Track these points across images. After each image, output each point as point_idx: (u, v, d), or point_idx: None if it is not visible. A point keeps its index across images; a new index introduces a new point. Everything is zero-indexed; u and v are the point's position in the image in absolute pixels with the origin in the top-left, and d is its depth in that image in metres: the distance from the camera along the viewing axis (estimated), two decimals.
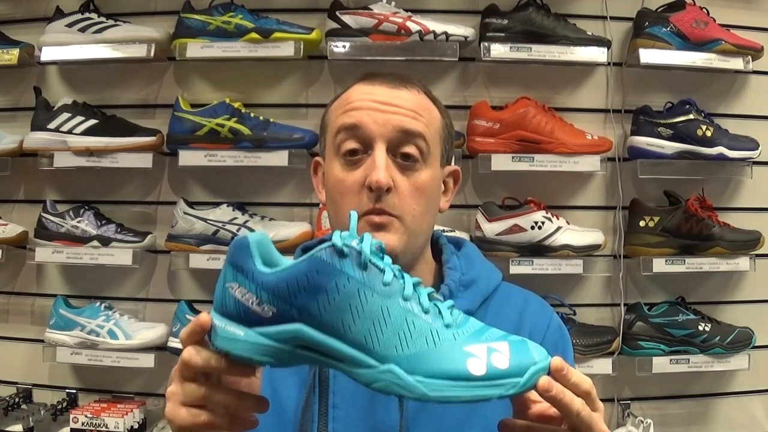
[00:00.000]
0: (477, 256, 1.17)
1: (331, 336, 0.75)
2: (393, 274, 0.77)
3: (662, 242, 2.19)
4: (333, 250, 0.76)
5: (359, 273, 0.76)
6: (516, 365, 0.74)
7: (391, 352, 0.74)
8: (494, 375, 0.73)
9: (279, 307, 0.76)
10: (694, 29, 2.19)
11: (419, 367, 0.74)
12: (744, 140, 2.22)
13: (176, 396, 0.81)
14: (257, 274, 0.77)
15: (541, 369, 0.75)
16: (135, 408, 2.15)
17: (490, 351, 0.74)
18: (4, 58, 2.20)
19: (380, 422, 1.01)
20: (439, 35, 2.15)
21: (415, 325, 0.75)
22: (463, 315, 0.80)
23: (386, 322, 0.75)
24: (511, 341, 0.76)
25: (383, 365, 0.74)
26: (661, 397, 2.33)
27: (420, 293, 0.78)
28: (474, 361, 0.74)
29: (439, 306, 0.78)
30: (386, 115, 1.04)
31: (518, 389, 0.73)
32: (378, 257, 0.78)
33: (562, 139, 2.16)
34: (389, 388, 0.74)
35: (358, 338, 0.75)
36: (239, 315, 0.77)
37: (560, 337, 1.13)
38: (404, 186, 1.03)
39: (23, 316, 2.36)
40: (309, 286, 0.75)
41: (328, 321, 0.75)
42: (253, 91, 2.31)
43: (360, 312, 0.75)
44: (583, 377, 0.78)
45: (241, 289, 0.77)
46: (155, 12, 2.32)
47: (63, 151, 2.17)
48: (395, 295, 0.76)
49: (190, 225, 2.18)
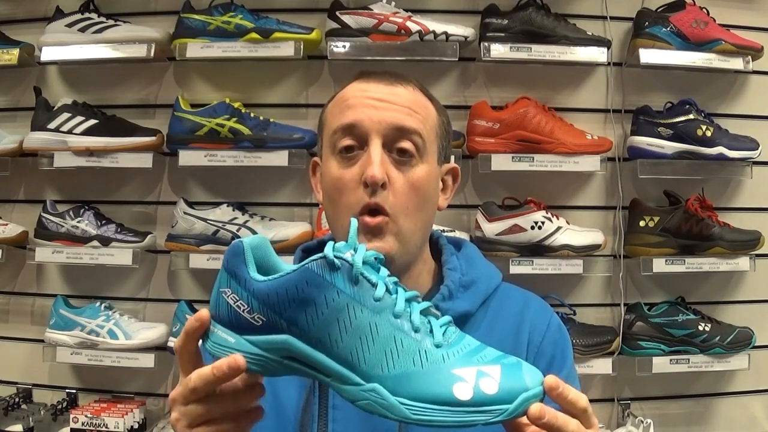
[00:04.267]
0: (477, 257, 1.17)
1: (318, 350, 0.74)
2: (386, 289, 0.76)
3: (662, 242, 2.19)
4: (324, 262, 0.75)
5: (349, 287, 0.74)
6: (506, 391, 0.71)
7: (376, 371, 0.73)
8: (481, 401, 0.70)
9: (269, 316, 0.75)
10: (694, 29, 2.19)
11: (404, 389, 0.72)
12: (744, 140, 2.22)
13: (181, 422, 0.80)
14: (249, 282, 0.76)
15: (532, 396, 0.72)
16: (135, 408, 2.15)
17: (480, 375, 0.72)
18: (4, 58, 2.20)
19: (380, 423, 0.99)
20: (439, 35, 2.14)
21: (403, 344, 0.73)
22: (458, 333, 0.77)
23: (374, 339, 0.73)
24: (504, 364, 0.73)
25: (368, 384, 0.73)
26: (661, 397, 2.33)
27: (413, 309, 0.76)
28: (461, 386, 0.71)
29: (432, 324, 0.76)
30: (381, 111, 1.04)
31: (506, 416, 0.70)
32: (373, 269, 0.77)
33: (562, 139, 2.16)
34: (372, 407, 0.73)
35: (344, 354, 0.73)
36: (231, 321, 0.77)
37: (560, 338, 1.13)
38: (400, 182, 1.03)
39: (23, 316, 2.36)
40: (299, 297, 0.74)
41: (315, 335, 0.74)
42: (253, 91, 2.31)
43: (348, 328, 0.73)
44: (579, 395, 0.76)
45: (234, 296, 0.77)
46: (155, 12, 2.32)
47: (63, 151, 2.16)
48: (385, 311, 0.74)
49: (190, 225, 2.18)
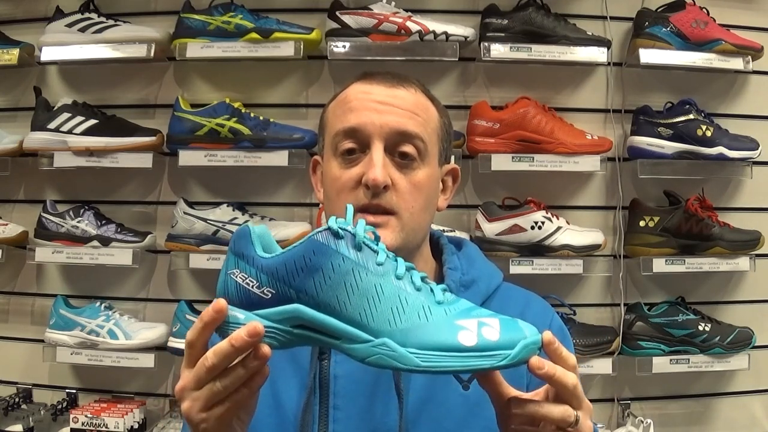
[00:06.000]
0: (478, 257, 1.17)
1: (327, 313, 0.78)
2: (386, 256, 0.81)
3: (662, 242, 2.19)
4: (329, 232, 0.80)
5: (354, 253, 0.79)
6: (507, 339, 0.76)
7: (384, 327, 0.77)
8: (485, 346, 0.75)
9: (278, 288, 0.79)
10: (694, 29, 2.19)
11: (412, 340, 0.76)
12: (744, 140, 2.22)
13: (195, 407, 0.80)
14: (257, 259, 0.80)
15: (531, 343, 0.77)
16: (135, 408, 2.15)
17: (481, 325, 0.77)
18: (4, 58, 2.20)
19: (380, 423, 1.01)
20: (439, 35, 2.14)
21: (407, 301, 0.79)
22: (454, 296, 0.82)
23: (380, 298, 0.78)
24: (502, 318, 0.79)
25: (377, 339, 0.77)
26: (661, 397, 2.33)
27: (413, 274, 0.81)
28: (465, 333, 0.76)
29: (432, 286, 0.81)
30: (384, 115, 1.04)
31: (509, 361, 0.75)
32: (372, 242, 0.81)
33: (562, 139, 2.16)
34: (383, 360, 0.77)
35: (353, 315, 0.78)
36: (240, 299, 0.81)
37: (562, 339, 1.12)
38: (402, 184, 1.04)
39: (23, 316, 2.36)
40: (306, 266, 0.79)
41: (324, 299, 0.78)
42: (253, 91, 2.31)
43: (354, 290, 0.78)
44: (569, 353, 0.81)
45: (242, 275, 0.81)
46: (155, 12, 2.32)
47: (63, 151, 2.16)
48: (388, 274, 0.80)
49: (190, 225, 2.18)
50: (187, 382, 0.81)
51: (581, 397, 0.81)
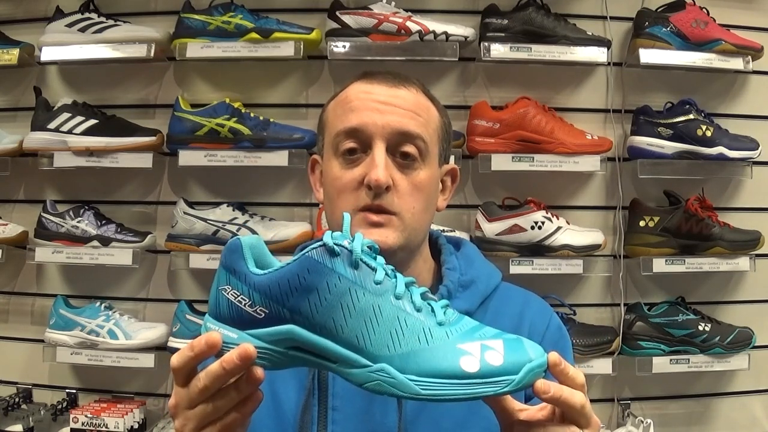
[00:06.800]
0: (476, 257, 1.17)
1: (323, 336, 0.75)
2: (385, 273, 0.77)
3: (662, 242, 2.19)
4: (324, 249, 0.76)
5: (350, 272, 0.76)
6: (511, 362, 0.73)
7: (383, 352, 0.74)
8: (489, 372, 0.72)
9: (271, 308, 0.76)
10: (694, 29, 2.19)
11: (412, 366, 0.73)
12: (744, 140, 2.22)
13: (188, 426, 0.79)
14: (249, 276, 0.77)
15: (536, 366, 0.73)
16: (135, 408, 2.15)
17: (484, 348, 0.73)
18: (4, 58, 2.20)
19: (379, 424, 1.01)
20: (439, 35, 2.14)
21: (407, 323, 0.75)
22: (457, 314, 0.79)
23: (378, 320, 0.74)
24: (506, 339, 0.75)
25: (375, 364, 0.74)
26: (661, 397, 2.33)
27: (412, 292, 0.78)
28: (467, 359, 0.72)
29: (432, 305, 0.78)
30: (385, 115, 1.04)
31: (514, 387, 0.72)
32: (370, 257, 0.78)
33: (562, 139, 2.16)
34: (382, 387, 0.73)
35: (350, 338, 0.74)
36: (233, 318, 0.77)
37: (560, 338, 1.14)
38: (403, 185, 1.04)
39: (23, 316, 2.36)
40: (300, 286, 0.75)
41: (319, 321, 0.75)
42: (253, 91, 2.31)
43: (351, 311, 0.74)
44: (577, 371, 0.78)
45: (234, 292, 0.77)
46: (155, 12, 2.32)
47: (63, 151, 2.16)
48: (387, 293, 0.76)
49: (190, 225, 2.18)
50: (179, 400, 0.79)
51: (589, 415, 0.78)
